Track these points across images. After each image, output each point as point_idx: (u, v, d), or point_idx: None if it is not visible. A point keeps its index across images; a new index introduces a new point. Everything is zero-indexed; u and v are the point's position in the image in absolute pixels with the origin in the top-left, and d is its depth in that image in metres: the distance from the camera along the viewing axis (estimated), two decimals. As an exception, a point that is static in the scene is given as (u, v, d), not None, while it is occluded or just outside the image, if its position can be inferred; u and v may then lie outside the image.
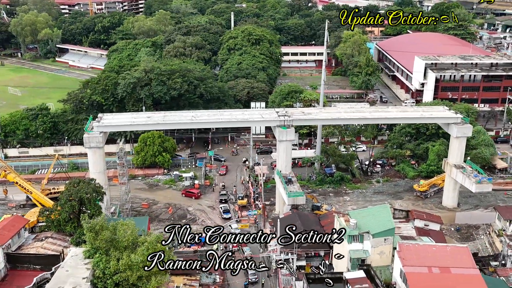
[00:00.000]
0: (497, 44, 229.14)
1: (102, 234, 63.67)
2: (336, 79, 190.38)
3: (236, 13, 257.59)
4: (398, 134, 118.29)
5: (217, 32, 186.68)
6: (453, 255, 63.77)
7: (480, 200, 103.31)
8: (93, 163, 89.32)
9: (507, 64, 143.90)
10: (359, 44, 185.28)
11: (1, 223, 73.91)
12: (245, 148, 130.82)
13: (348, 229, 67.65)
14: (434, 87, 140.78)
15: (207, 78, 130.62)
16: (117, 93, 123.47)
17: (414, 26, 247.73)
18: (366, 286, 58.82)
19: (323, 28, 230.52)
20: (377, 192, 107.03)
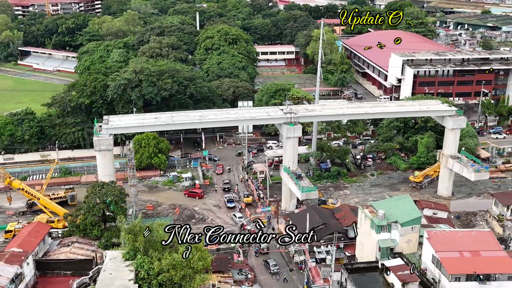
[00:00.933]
0: (454, 40, 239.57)
1: (141, 235, 63.56)
2: (308, 77, 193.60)
3: (199, 13, 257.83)
4: (386, 128, 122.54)
5: (191, 32, 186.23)
6: (479, 239, 67.60)
7: (471, 189, 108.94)
8: (103, 166, 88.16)
9: (478, 59, 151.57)
10: (331, 43, 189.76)
11: (25, 230, 72.02)
12: (234, 148, 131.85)
13: (376, 220, 70.23)
14: (412, 83, 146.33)
15: (196, 78, 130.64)
16: (107, 95, 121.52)
17: (373, 26, 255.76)
18: (408, 273, 61.54)
19: (289, 27, 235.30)
20: (374, 185, 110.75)
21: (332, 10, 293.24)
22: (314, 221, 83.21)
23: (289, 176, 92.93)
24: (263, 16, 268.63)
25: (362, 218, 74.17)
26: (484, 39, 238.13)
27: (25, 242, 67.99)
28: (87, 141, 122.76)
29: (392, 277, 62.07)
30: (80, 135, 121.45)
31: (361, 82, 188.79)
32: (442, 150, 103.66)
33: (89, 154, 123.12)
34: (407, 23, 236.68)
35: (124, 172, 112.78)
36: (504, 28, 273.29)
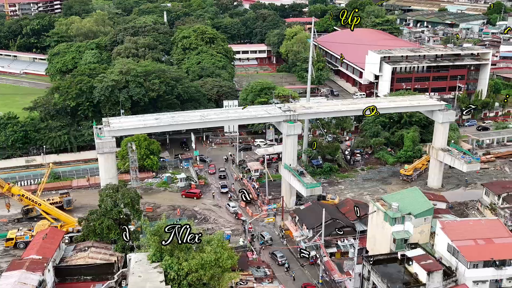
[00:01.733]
0: (417, 37, 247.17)
1: (167, 236, 63.27)
2: (282, 75, 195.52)
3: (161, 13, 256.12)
4: (372, 124, 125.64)
5: (166, 32, 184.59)
6: (489, 227, 70.76)
7: (458, 180, 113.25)
8: (106, 169, 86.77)
9: (451, 55, 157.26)
10: (304, 42, 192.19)
11: (38, 236, 70.29)
12: (223, 147, 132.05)
13: (391, 212, 72.35)
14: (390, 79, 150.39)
15: (182, 78, 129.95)
16: (94, 97, 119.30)
17: (339, 23, 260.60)
18: (431, 261, 63.90)
19: (259, 27, 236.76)
20: (366, 179, 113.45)
21: (297, 9, 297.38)
22: (320, 217, 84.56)
23: (291, 173, 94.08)
24: (230, 15, 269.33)
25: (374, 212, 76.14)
26: (445, 35, 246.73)
27: (42, 248, 66.40)
28: (73, 145, 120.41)
29: (416, 267, 64.25)
30: (66, 138, 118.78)
31: (334, 79, 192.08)
32: (431, 143, 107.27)
33: (76, 158, 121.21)
34: (372, 21, 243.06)
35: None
36: (461, 25, 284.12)
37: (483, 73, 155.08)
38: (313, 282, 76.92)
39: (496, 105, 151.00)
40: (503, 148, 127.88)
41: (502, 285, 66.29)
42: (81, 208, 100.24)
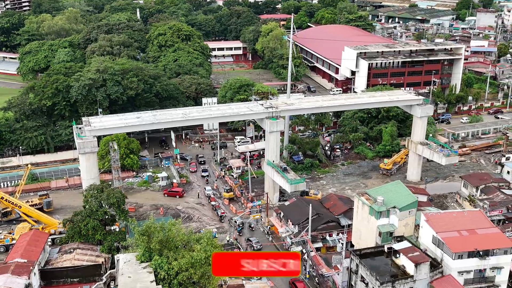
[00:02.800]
0: (390, 33, 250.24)
1: (156, 236, 62.82)
2: (259, 72, 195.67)
3: (133, 10, 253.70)
4: (351, 119, 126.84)
5: (141, 30, 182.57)
6: (472, 218, 72.24)
7: (436, 173, 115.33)
8: (87, 169, 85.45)
9: (425, 50, 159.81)
10: (280, 38, 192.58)
11: (22, 239, 68.83)
12: (193, 145, 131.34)
13: (376, 206, 73.22)
14: (367, 74, 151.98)
15: (160, 76, 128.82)
16: (71, 96, 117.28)
17: (313, 19, 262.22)
18: (418, 254, 64.95)
19: (234, 23, 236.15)
20: (346, 174, 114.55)
21: (271, 5, 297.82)
22: (306, 212, 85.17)
23: (274, 170, 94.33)
24: (204, 12, 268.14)
25: (359, 206, 76.98)
26: (417, 31, 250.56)
27: (27, 251, 64.98)
28: (50, 145, 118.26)
29: (403, 259, 65.19)
30: (43, 139, 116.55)
31: (310, 76, 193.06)
32: (410, 138, 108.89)
33: (53, 159, 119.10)
34: (345, 17, 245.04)
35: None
36: (432, 20, 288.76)
37: (456, 67, 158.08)
38: (300, 277, 77.33)
39: (469, 99, 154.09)
40: (478, 141, 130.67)
41: (485, 275, 67.82)
42: (61, 209, 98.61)
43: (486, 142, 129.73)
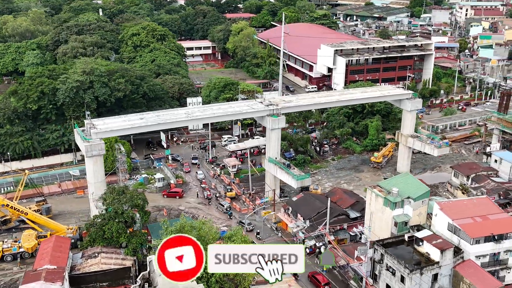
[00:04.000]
0: (352, 31, 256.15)
1: (190, 235, 62.72)
2: (231, 71, 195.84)
3: (97, 9, 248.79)
4: (337, 115, 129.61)
5: (113, 30, 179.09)
6: (481, 205, 75.96)
7: (423, 164, 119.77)
8: (95, 172, 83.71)
9: (397, 47, 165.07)
10: (251, 37, 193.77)
11: (45, 245, 67.04)
12: (187, 145, 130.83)
13: (392, 197, 75.73)
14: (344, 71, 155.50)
15: (146, 77, 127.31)
16: (57, 99, 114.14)
17: (276, 18, 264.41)
18: (441, 241, 67.76)
19: (200, 23, 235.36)
20: (339, 169, 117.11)
21: (232, 4, 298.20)
22: (316, 207, 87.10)
23: (277, 167, 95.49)
24: (166, 11, 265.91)
25: (373, 198, 79.33)
26: (378, 29, 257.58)
27: (54, 258, 63.46)
28: (38, 150, 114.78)
29: (427, 246, 67.81)
30: (30, 144, 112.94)
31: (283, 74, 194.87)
32: (400, 131, 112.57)
33: (40, 164, 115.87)
34: (310, 16, 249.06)
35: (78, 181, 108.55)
36: (389, 18, 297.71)
37: (428, 63, 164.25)
38: (318, 270, 78.88)
39: (441, 93, 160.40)
40: (456, 132, 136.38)
41: (499, 258, 71.59)
42: (60, 215, 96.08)
43: (464, 133, 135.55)
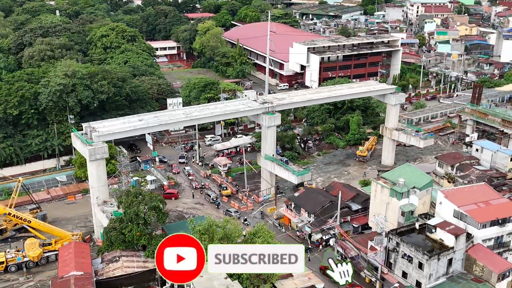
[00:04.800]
0: (312, 29, 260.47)
1: (217, 233, 63.12)
2: (199, 71, 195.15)
3: (53, 10, 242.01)
4: (318, 111, 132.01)
5: (79, 32, 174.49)
6: (481, 191, 79.88)
7: (405, 156, 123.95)
8: (98, 177, 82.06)
9: (366, 44, 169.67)
10: (219, 37, 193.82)
11: (65, 252, 65.35)
12: (170, 146, 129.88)
13: (399, 188, 78.47)
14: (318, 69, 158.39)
15: (128, 78, 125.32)
16: (39, 103, 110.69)
17: (236, 17, 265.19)
18: (453, 227, 70.88)
19: (162, 23, 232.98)
20: (326, 164, 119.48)
21: (190, 4, 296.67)
22: (319, 201, 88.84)
23: (275, 164, 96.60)
24: (124, 12, 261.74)
25: (378, 189, 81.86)
26: (337, 27, 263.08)
27: (78, 264, 62.12)
28: (20, 157, 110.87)
29: (440, 233, 70.75)
30: (12, 150, 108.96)
31: (252, 73, 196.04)
32: (385, 125, 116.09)
33: (23, 171, 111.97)
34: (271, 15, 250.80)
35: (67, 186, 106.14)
36: (344, 16, 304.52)
37: (395, 58, 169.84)
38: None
39: (409, 87, 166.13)
40: (430, 124, 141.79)
41: (502, 240, 75.64)
42: (55, 222, 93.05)
43: (437, 125, 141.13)
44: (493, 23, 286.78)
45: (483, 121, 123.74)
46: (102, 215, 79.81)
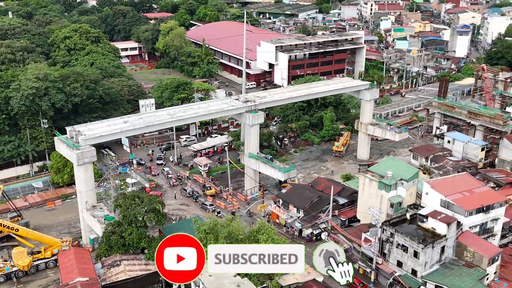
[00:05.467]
0: (271, 28, 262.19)
1: (222, 232, 63.38)
2: (164, 71, 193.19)
3: (4, 12, 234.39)
4: (292, 109, 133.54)
5: (40, 34, 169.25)
6: (464, 181, 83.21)
7: (379, 150, 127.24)
8: (85, 181, 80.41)
9: (331, 42, 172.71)
10: (183, 37, 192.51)
11: (64, 258, 63.80)
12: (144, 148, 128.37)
13: (387, 180, 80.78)
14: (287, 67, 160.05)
15: (99, 80, 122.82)
16: (11, 108, 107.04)
17: (195, 17, 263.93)
18: (444, 215, 73.61)
19: (121, 23, 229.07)
20: (304, 160, 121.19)
21: (147, 4, 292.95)
22: (308, 196, 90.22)
23: (260, 161, 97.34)
24: (79, 13, 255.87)
25: (366, 183, 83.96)
26: (296, 25, 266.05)
27: (81, 270, 60.83)
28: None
29: (432, 222, 73.30)
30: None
31: (218, 72, 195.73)
32: (360, 120, 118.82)
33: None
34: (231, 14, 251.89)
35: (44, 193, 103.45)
36: (300, 14, 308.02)
37: (359, 56, 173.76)
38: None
39: (374, 83, 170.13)
40: (398, 119, 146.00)
41: (487, 227, 79.18)
42: (36, 230, 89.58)
43: (404, 119, 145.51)
44: (443, 19, 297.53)
45: (450, 113, 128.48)
46: (93, 220, 78.27)
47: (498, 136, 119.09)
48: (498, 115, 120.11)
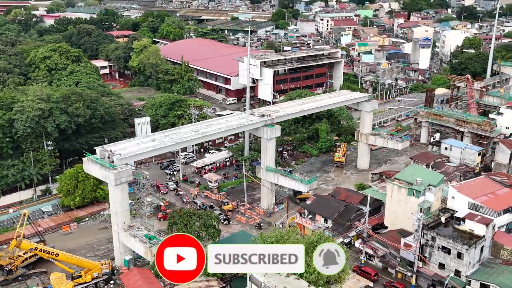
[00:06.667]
0: (236, 44, 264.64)
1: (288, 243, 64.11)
2: (139, 89, 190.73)
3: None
4: (288, 122, 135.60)
5: (16, 54, 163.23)
6: (485, 184, 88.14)
7: (375, 159, 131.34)
8: (121, 201, 78.73)
9: (311, 56, 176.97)
10: (158, 54, 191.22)
11: (129, 280, 62.26)
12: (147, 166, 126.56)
13: (417, 187, 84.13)
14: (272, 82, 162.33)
15: (98, 99, 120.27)
16: (16, 130, 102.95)
17: (158, 34, 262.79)
18: (481, 217, 77.45)
19: (87, 42, 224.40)
20: (307, 172, 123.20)
21: (106, 23, 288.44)
22: (334, 206, 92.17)
23: (279, 174, 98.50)
24: (38, 32, 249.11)
25: (394, 190, 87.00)
26: (261, 41, 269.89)
27: (153, 291, 59.75)
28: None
29: (470, 223, 76.90)
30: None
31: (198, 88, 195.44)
32: (360, 130, 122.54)
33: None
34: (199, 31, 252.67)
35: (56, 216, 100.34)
36: (259, 31, 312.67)
37: (337, 69, 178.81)
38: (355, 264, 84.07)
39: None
40: (384, 129, 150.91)
41: (511, 227, 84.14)
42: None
43: (390, 129, 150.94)
44: (396, 33, 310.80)
45: (438, 122, 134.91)
46: (133, 240, 76.74)
47: (486, 141, 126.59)
48: (485, 121, 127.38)
